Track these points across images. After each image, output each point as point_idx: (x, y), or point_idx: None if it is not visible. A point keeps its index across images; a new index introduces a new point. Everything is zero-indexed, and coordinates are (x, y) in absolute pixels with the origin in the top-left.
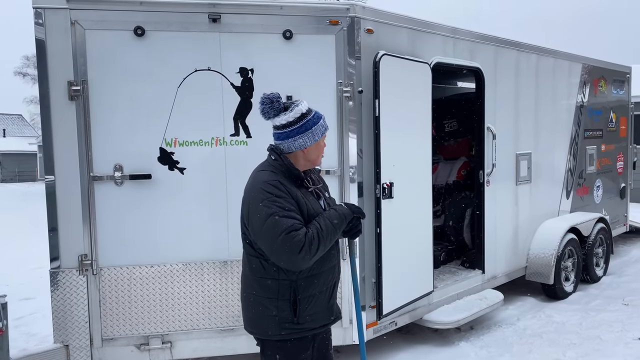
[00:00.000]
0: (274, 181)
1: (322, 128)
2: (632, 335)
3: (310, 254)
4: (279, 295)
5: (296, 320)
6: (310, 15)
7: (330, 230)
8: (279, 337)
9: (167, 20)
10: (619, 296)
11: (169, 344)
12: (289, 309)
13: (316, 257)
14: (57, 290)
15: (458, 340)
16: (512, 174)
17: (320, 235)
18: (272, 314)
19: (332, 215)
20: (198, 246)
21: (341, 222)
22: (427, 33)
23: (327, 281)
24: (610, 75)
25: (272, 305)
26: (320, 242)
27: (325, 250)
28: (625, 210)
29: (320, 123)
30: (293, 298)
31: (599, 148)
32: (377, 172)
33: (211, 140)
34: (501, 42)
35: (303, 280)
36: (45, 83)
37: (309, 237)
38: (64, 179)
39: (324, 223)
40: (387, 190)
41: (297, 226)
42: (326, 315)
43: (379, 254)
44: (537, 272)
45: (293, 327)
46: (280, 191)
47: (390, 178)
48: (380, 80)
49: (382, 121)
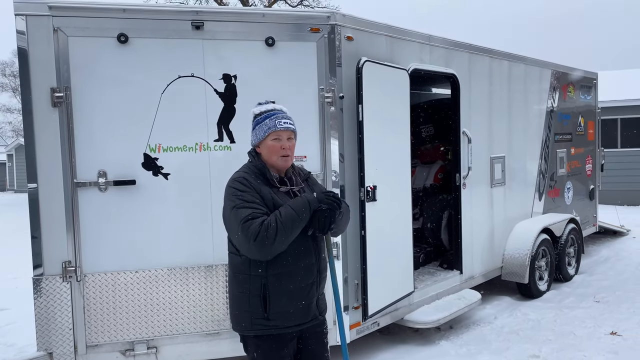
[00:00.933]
0: (240, 178)
1: (265, 127)
2: (603, 330)
3: (269, 241)
4: (251, 290)
5: (266, 317)
6: (291, 22)
7: (291, 217)
8: (252, 332)
9: (151, 27)
10: (591, 294)
11: (154, 349)
12: (260, 305)
13: (277, 244)
14: (40, 298)
15: (438, 339)
16: (487, 176)
17: (279, 222)
18: (246, 309)
19: (295, 203)
20: (183, 251)
21: (305, 209)
22: (404, 40)
23: (302, 279)
24: (578, 81)
25: (246, 301)
26: (278, 229)
27: (288, 238)
28: (594, 211)
29: (264, 122)
30: (263, 294)
31: (569, 151)
32: (362, 176)
33: (195, 146)
34: (475, 49)
35: (273, 276)
36: (28, 90)
37: (265, 225)
38: (47, 186)
39: (284, 211)
40: (371, 193)
41: (254, 215)
42: (301, 315)
43: (364, 255)
44: (513, 272)
45: (264, 323)
46: (244, 186)
47: (374, 181)
48: (364, 86)
49: (365, 126)
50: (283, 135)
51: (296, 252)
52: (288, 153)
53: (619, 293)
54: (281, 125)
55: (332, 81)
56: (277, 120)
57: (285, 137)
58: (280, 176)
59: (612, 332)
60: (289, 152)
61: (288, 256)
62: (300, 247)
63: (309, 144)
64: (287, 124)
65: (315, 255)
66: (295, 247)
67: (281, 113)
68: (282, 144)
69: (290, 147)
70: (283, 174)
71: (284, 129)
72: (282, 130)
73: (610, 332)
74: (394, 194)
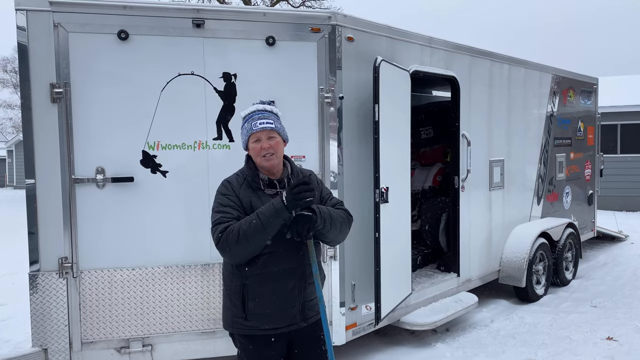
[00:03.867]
0: (225, 181)
1: (245, 131)
2: (600, 335)
3: (229, 247)
4: (232, 288)
5: (245, 316)
6: (292, 22)
7: (254, 226)
8: (232, 330)
9: (151, 24)
10: (588, 299)
11: (149, 347)
12: (239, 304)
13: (238, 251)
14: (36, 293)
15: (434, 341)
16: (485, 180)
17: (241, 230)
18: (228, 306)
19: (264, 210)
20: (180, 249)
21: (272, 216)
22: (405, 42)
23: (281, 283)
24: (579, 86)
25: (228, 298)
26: (239, 237)
27: (252, 244)
28: (592, 216)
29: (244, 126)
30: (242, 293)
31: (568, 156)
32: (377, 177)
33: (194, 144)
34: (475, 52)
35: (253, 277)
36: (27, 85)
37: (227, 232)
38: (45, 181)
39: (250, 217)
40: (384, 194)
41: (222, 219)
42: (283, 319)
43: (378, 258)
44: (510, 276)
45: (243, 323)
46: (227, 189)
47: (386, 183)
48: (380, 86)
49: (380, 126)
50: (262, 136)
51: (277, 255)
52: (270, 152)
53: (615, 298)
54: (257, 127)
55: (332, 82)
56: (253, 123)
57: (264, 137)
58: (271, 179)
59: (608, 337)
60: (272, 150)
61: (268, 258)
62: (279, 250)
63: (308, 144)
64: (264, 124)
65: (297, 259)
66: (275, 250)
67: (259, 113)
68: (262, 144)
69: (273, 146)
70: (279, 175)
71: (260, 129)
72: (259, 131)
73: (606, 337)
74: (400, 196)
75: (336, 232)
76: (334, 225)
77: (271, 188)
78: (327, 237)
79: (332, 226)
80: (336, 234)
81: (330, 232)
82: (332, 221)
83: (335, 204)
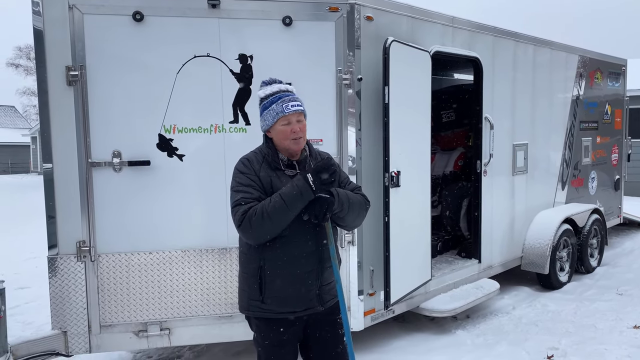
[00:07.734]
0: (244, 159)
1: (273, 113)
2: (626, 324)
3: (252, 229)
4: (249, 271)
5: (262, 299)
6: (310, 1)
7: (279, 206)
8: (249, 313)
9: (167, 5)
10: (613, 286)
11: (167, 331)
12: (256, 287)
13: (261, 232)
14: (55, 277)
15: (455, 328)
16: (508, 164)
17: (264, 210)
18: (245, 289)
19: (287, 191)
20: (197, 233)
21: (296, 197)
22: (426, 21)
23: (299, 266)
24: (606, 68)
25: (245, 281)
26: (263, 218)
27: (275, 225)
28: (619, 202)
29: (271, 108)
30: (260, 276)
31: (594, 140)
32: (386, 160)
33: (210, 127)
34: (499, 32)
35: (270, 260)
36: (43, 68)
37: (250, 212)
38: (62, 166)
39: (274, 198)
40: (395, 178)
41: (244, 200)
42: (300, 303)
43: (387, 242)
44: (533, 262)
45: (260, 306)
46: (246, 167)
47: (398, 166)
48: (390, 67)
49: (391, 108)
50: (292, 119)
51: (294, 238)
52: (300, 135)
53: None
54: (289, 110)
55: (350, 62)
56: (284, 105)
57: (294, 119)
58: (290, 160)
59: (635, 325)
60: (301, 133)
61: (286, 241)
62: (297, 233)
63: (326, 127)
64: (295, 106)
65: (314, 242)
66: (293, 232)
67: (288, 95)
68: (292, 127)
69: (302, 128)
70: (297, 156)
71: (292, 112)
72: (291, 114)
73: (633, 325)
74: (416, 180)
75: (353, 215)
76: (352, 209)
77: (290, 169)
78: (344, 221)
79: (349, 209)
80: (353, 218)
81: (347, 215)
82: (350, 205)
83: (353, 189)
